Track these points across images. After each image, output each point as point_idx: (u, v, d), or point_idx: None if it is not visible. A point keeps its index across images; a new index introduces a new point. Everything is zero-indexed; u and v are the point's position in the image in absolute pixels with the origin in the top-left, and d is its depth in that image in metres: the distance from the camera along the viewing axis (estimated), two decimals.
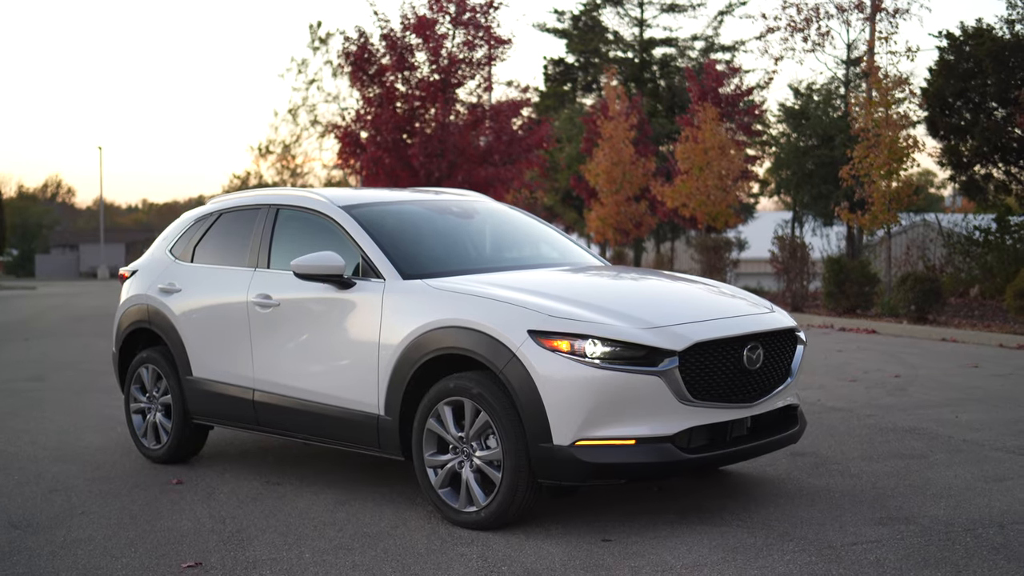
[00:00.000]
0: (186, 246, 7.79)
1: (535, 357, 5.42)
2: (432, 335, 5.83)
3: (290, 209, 7.09)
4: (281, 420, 6.77)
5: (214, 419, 7.34)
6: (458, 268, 6.48)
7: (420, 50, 23.98)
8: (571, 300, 5.75)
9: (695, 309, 5.95)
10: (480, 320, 5.64)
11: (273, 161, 65.53)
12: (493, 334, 5.56)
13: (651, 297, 6.18)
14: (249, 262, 7.11)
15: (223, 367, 7.14)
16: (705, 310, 5.96)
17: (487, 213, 7.47)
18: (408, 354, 5.92)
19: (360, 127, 24.27)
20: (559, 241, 7.47)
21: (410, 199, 7.31)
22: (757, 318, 6.02)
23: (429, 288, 6.04)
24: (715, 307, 6.06)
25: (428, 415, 5.84)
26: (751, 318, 5.98)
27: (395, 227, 6.74)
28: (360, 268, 6.38)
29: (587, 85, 44.84)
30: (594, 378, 5.34)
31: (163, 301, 7.61)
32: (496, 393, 5.55)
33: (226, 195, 7.92)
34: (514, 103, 24.40)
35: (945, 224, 25.97)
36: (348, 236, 6.54)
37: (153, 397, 7.75)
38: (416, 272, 6.27)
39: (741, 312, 6.04)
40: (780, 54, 29.66)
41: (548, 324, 5.47)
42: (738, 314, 5.98)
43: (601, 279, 6.57)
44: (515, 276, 6.36)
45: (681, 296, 6.24)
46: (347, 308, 6.30)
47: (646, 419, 5.42)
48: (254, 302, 6.87)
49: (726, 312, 5.97)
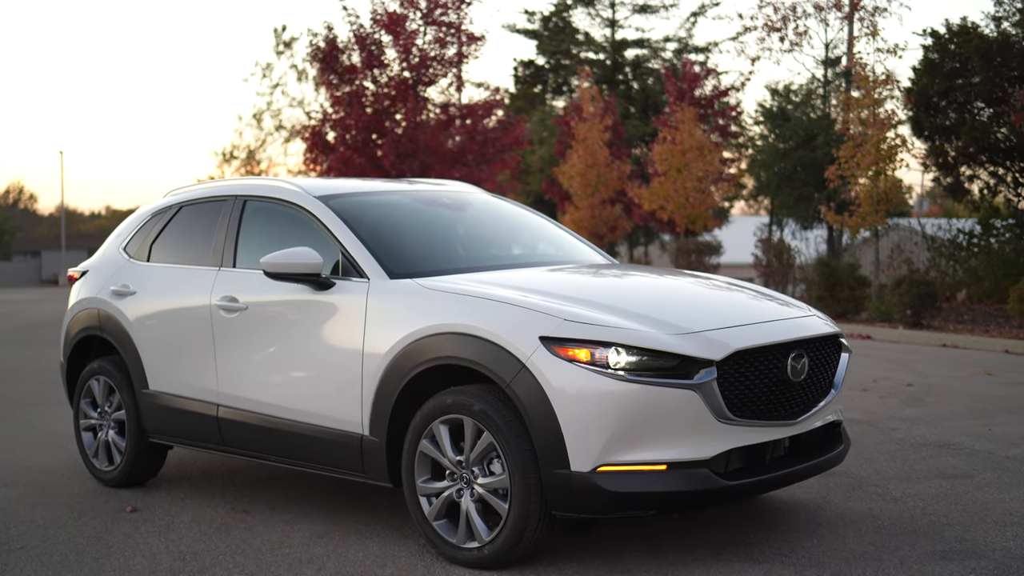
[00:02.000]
0: (142, 243, 6.95)
1: (549, 368, 4.63)
2: (425, 343, 5.02)
3: (258, 200, 6.27)
4: (249, 440, 5.95)
5: (173, 438, 6.50)
6: (452, 266, 5.68)
7: (390, 47, 23.17)
8: (587, 302, 4.97)
9: (729, 312, 5.18)
10: (482, 325, 4.84)
11: (238, 166, 64.53)
12: (498, 341, 4.76)
13: (677, 298, 5.40)
14: (212, 260, 6.28)
15: (183, 379, 6.31)
16: (740, 313, 5.19)
17: (480, 205, 6.67)
18: (397, 365, 5.11)
19: (328, 127, 23.41)
20: (561, 236, 6.68)
21: (394, 189, 6.50)
22: (799, 322, 5.26)
23: (420, 288, 5.24)
24: (751, 310, 5.30)
25: (421, 435, 5.04)
26: (792, 322, 5.22)
27: (379, 220, 5.93)
28: (340, 266, 5.57)
29: (557, 87, 44.13)
30: (619, 392, 4.55)
31: (116, 305, 6.77)
32: (502, 410, 4.75)
33: (187, 186, 7.09)
34: (488, 103, 23.63)
35: (928, 228, 25.39)
36: (326, 230, 5.73)
37: (105, 413, 6.91)
38: (404, 270, 5.46)
39: (780, 316, 5.27)
40: (757, 54, 29.14)
41: (563, 330, 4.68)
42: (778, 318, 5.22)
43: (616, 278, 5.80)
44: (518, 275, 5.57)
45: (710, 297, 5.47)
46: (325, 312, 5.49)
47: (679, 440, 4.64)
48: (218, 305, 6.04)
49: (764, 315, 5.21)
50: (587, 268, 6.00)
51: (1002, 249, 22.50)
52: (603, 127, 29.25)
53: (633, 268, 6.27)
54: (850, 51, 28.99)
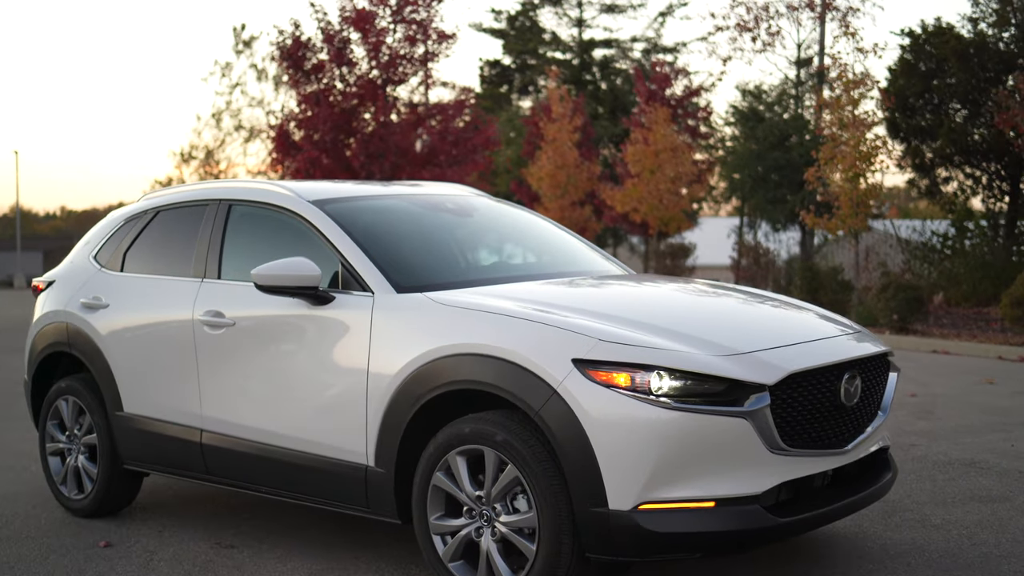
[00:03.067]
0: (114, 251, 6.39)
1: (583, 394, 4.14)
2: (440, 365, 4.52)
3: (245, 205, 5.74)
4: (237, 469, 5.42)
5: (151, 465, 5.96)
6: (463, 278, 5.18)
7: (359, 45, 22.59)
8: (621, 319, 4.48)
9: (774, 329, 4.72)
10: (507, 346, 4.34)
11: (196, 167, 63.61)
12: (526, 364, 4.27)
13: (716, 314, 4.93)
14: (195, 271, 5.74)
15: (162, 401, 5.77)
16: (787, 330, 4.72)
17: (487, 210, 6.16)
18: (408, 389, 4.61)
19: (294, 126, 22.79)
20: (574, 244, 6.19)
21: (393, 193, 5.98)
22: (848, 341, 4.80)
23: (432, 303, 4.73)
24: (797, 326, 4.83)
25: (435, 467, 4.54)
26: (843, 340, 4.76)
27: (381, 227, 5.42)
28: (340, 278, 5.05)
29: (523, 87, 43.66)
30: (663, 421, 4.07)
31: (86, 319, 6.21)
32: (529, 441, 4.26)
33: (164, 189, 6.54)
34: (459, 102, 23.10)
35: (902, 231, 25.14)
36: (323, 239, 5.21)
37: (75, 436, 6.35)
38: (413, 283, 4.95)
39: (828, 333, 4.81)
40: (729, 54, 28.82)
41: (600, 351, 4.19)
42: (826, 335, 4.76)
43: (644, 291, 5.32)
44: (538, 288, 5.08)
45: (751, 313, 5.01)
46: (324, 329, 4.97)
47: (728, 474, 4.17)
48: (202, 320, 5.50)
49: (812, 333, 4.74)
50: (610, 279, 5.52)
51: (976, 251, 22.27)
52: (572, 128, 28.80)
53: (656, 279, 5.80)
54: (822, 51, 28.77)
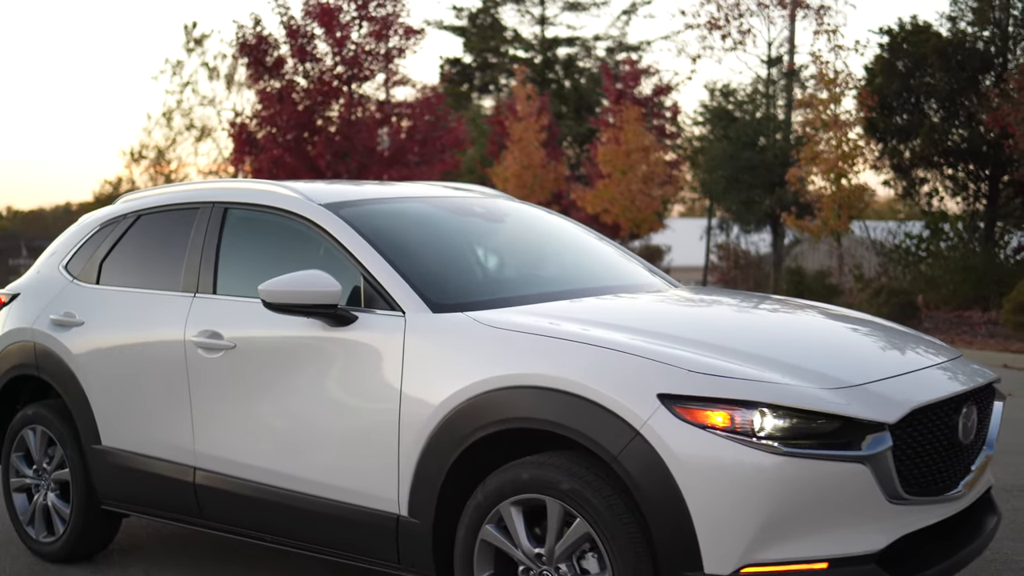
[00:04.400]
0: (88, 261, 5.62)
1: (672, 436, 3.47)
2: (492, 399, 3.82)
3: (243, 209, 5.00)
4: (237, 513, 4.68)
5: (134, 506, 5.21)
6: (507, 293, 4.48)
7: (323, 40, 21.78)
8: (706, 345, 3.81)
9: (877, 355, 4.08)
10: (577, 377, 3.65)
11: (147, 166, 62.31)
12: (601, 400, 3.58)
13: (807, 337, 4.27)
14: (185, 285, 5.00)
15: (147, 434, 5.02)
16: (890, 356, 4.08)
17: (519, 215, 5.46)
18: (450, 426, 3.91)
19: (256, 124, 21.93)
20: (613, 253, 5.49)
21: (412, 195, 5.26)
22: (958, 368, 4.16)
23: (478, 325, 4.03)
24: (898, 352, 4.19)
25: (484, 519, 3.84)
26: (952, 368, 4.12)
27: (406, 234, 4.71)
28: (362, 295, 4.34)
29: (483, 86, 42.92)
30: (770, 468, 3.41)
31: (57, 338, 5.44)
32: (604, 491, 3.58)
33: (145, 190, 5.78)
34: (428, 100, 22.35)
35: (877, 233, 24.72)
36: (340, 248, 4.49)
37: (43, 471, 5.58)
38: (451, 301, 4.25)
39: (934, 359, 4.16)
40: (698, 53, 28.30)
41: (690, 384, 3.52)
42: (934, 362, 4.11)
43: (718, 310, 4.65)
44: (597, 306, 4.40)
45: (848, 337, 4.35)
46: (346, 354, 4.26)
47: (842, 529, 3.51)
48: (196, 342, 4.76)
49: (918, 359, 4.10)
50: (672, 295, 4.84)
51: (955, 254, 21.86)
52: (539, 127, 28.22)
53: (718, 293, 5.13)
54: (792, 50, 28.36)
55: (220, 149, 56.83)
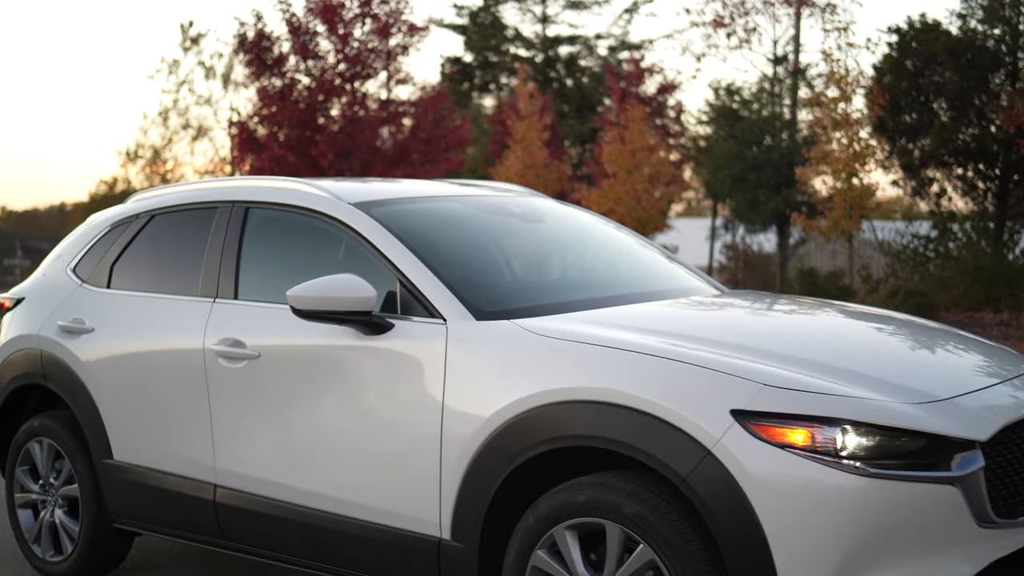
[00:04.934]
0: (99, 264, 5.31)
1: (747, 456, 3.17)
2: (545, 413, 3.52)
3: (267, 209, 4.70)
4: (261, 534, 4.38)
5: (148, 524, 4.91)
6: (553, 299, 4.18)
7: (325, 37, 21.48)
8: (777, 355, 3.52)
9: (958, 366, 3.80)
10: (641, 391, 3.35)
11: (142, 166, 62.00)
12: (668, 416, 3.29)
13: (883, 347, 3.98)
14: (204, 289, 4.69)
15: (163, 449, 4.72)
16: (971, 367, 3.80)
17: (557, 215, 5.15)
18: (498, 444, 3.61)
19: (257, 123, 21.62)
20: (656, 256, 5.18)
21: (445, 194, 4.95)
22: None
23: (528, 334, 3.73)
24: (980, 361, 3.90)
25: (535, 544, 3.55)
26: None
27: (443, 236, 4.41)
28: (398, 301, 4.04)
29: (484, 85, 42.61)
30: (855, 491, 3.11)
31: (65, 345, 5.14)
32: (670, 515, 3.28)
33: (158, 189, 5.47)
34: (432, 98, 22.05)
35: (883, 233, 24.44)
36: (373, 250, 4.19)
37: (50, 486, 5.28)
38: (496, 307, 3.95)
39: (1015, 368, 3.88)
40: (703, 51, 28.06)
41: (766, 400, 3.22)
42: (1015, 373, 3.83)
43: (782, 317, 4.36)
44: (653, 313, 4.11)
45: (923, 344, 4.05)
46: (382, 364, 3.95)
47: (927, 556, 3.21)
48: (216, 351, 4.46)
49: (1001, 369, 3.81)
50: (731, 302, 4.55)
51: (965, 254, 21.59)
52: (542, 126, 27.89)
53: (774, 299, 4.82)
54: (797, 48, 28.11)
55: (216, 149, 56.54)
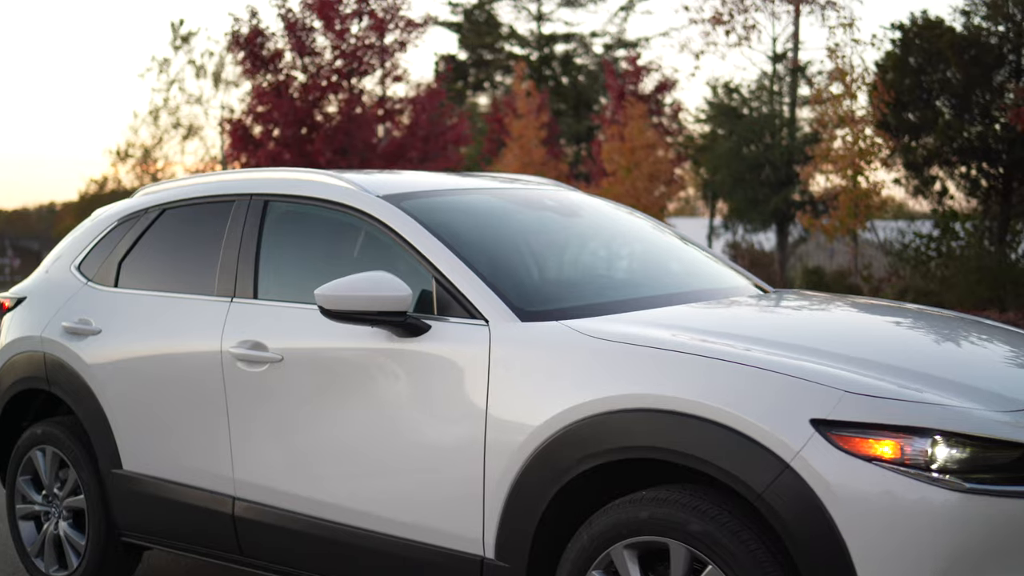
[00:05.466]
0: (105, 261, 5.01)
1: (830, 469, 2.90)
2: (601, 423, 3.24)
3: (288, 202, 4.41)
4: (284, 552, 4.09)
5: (160, 539, 4.62)
6: (601, 299, 3.89)
7: (321, 33, 21.16)
8: (854, 360, 3.24)
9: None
10: (712, 400, 3.07)
11: (133, 165, 61.58)
12: (742, 427, 3.01)
13: (962, 350, 3.71)
14: (220, 288, 4.40)
15: (177, 459, 4.43)
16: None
17: (593, 209, 4.85)
18: (548, 456, 3.33)
19: (252, 120, 21.29)
20: (698, 253, 4.89)
21: (476, 186, 4.66)
22: None
23: (579, 336, 3.44)
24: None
25: (590, 564, 3.27)
26: None
27: (479, 231, 4.13)
28: (434, 301, 3.75)
29: (478, 84, 42.28)
30: (950, 508, 2.84)
31: (70, 348, 4.84)
32: (742, 534, 3.01)
33: (168, 182, 5.17)
34: (430, 94, 21.75)
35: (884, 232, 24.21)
36: (405, 246, 3.90)
37: (54, 496, 4.99)
38: (542, 307, 3.67)
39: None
40: (702, 49, 27.77)
41: (848, 408, 2.95)
42: None
43: (846, 317, 4.08)
44: (709, 314, 3.84)
45: (998, 347, 3.78)
46: (418, 369, 3.67)
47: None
48: (235, 354, 4.17)
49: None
50: (790, 302, 4.27)
51: (969, 254, 21.37)
52: (539, 124, 27.63)
53: (827, 298, 4.54)
54: (796, 45, 27.85)
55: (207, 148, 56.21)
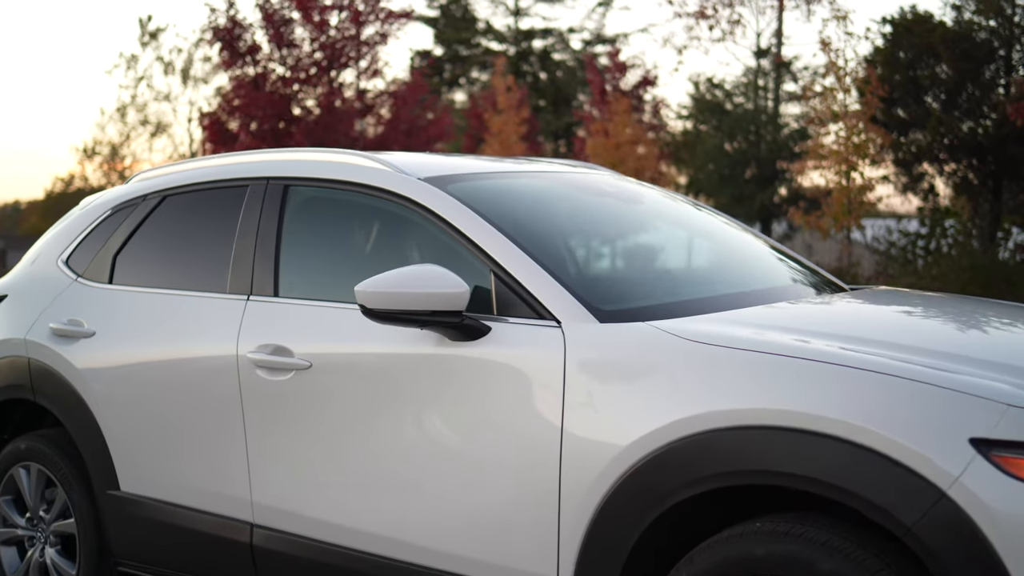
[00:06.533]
0: (97, 254, 4.45)
1: (995, 497, 2.41)
2: (708, 442, 2.73)
3: (311, 186, 3.87)
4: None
5: (162, 569, 4.07)
6: (685, 297, 3.38)
7: (300, 25, 20.56)
8: (999, 366, 2.75)
9: None
10: (848, 416, 2.57)
11: (100, 163, 60.67)
12: (888, 448, 2.51)
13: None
14: (234, 285, 3.86)
15: (184, 479, 3.89)
16: None
17: (653, 196, 4.31)
18: (640, 481, 2.82)
19: (229, 114, 20.66)
20: (763, 245, 4.39)
21: (526, 170, 4.13)
22: None
23: (674, 340, 2.92)
24: None
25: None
26: None
27: (535, 218, 3.61)
28: (493, 299, 3.22)
29: (454, 80, 41.72)
30: None
31: (59, 352, 4.28)
32: (882, 574, 2.51)
33: (169, 165, 4.61)
34: (412, 88, 21.20)
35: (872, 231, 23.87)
36: (456, 235, 3.36)
37: (40, 520, 4.43)
38: (621, 305, 3.15)
39: None
40: (685, 44, 27.44)
41: (1014, 424, 2.46)
42: None
43: (960, 317, 3.58)
44: (817, 313, 3.35)
45: None
46: (475, 379, 3.14)
47: None
48: (253, 360, 3.63)
49: None
50: (896, 299, 3.79)
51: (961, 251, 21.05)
52: (519, 120, 27.15)
53: (925, 295, 4.05)
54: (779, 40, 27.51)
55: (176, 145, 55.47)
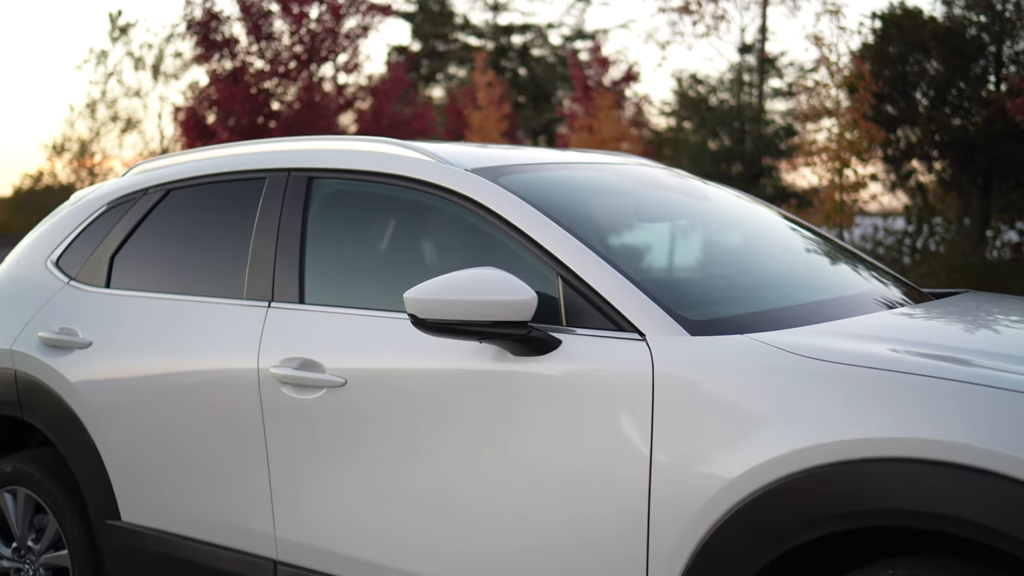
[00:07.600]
0: (91, 255, 3.99)
1: None
2: (831, 476, 2.32)
3: (341, 179, 3.43)
4: None
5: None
6: (770, 305, 2.95)
7: (279, 18, 20.09)
8: None
9: None
10: (995, 444, 2.17)
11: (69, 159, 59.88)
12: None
13: None
14: (252, 290, 3.41)
15: (196, 510, 3.45)
16: None
17: (719, 193, 3.88)
18: (749, 519, 2.41)
19: (206, 109, 20.16)
20: (829, 247, 3.96)
21: (580, 161, 3.70)
22: None
23: (782, 355, 2.51)
24: None
25: None
26: None
27: (601, 215, 3.19)
28: (562, 307, 2.80)
29: (431, 75, 41.22)
30: None
31: (50, 365, 3.83)
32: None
33: (172, 156, 4.14)
34: (393, 81, 20.77)
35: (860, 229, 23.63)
36: (516, 235, 2.93)
37: (28, 551, 3.97)
38: (713, 316, 2.74)
39: None
40: (668, 39, 27.09)
41: None
42: None
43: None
44: (930, 326, 2.96)
45: None
46: (544, 399, 2.72)
47: None
48: (277, 375, 3.19)
49: None
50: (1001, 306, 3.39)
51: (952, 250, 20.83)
52: (500, 116, 26.75)
53: (1001, 297, 3.68)
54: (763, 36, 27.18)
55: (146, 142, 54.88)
